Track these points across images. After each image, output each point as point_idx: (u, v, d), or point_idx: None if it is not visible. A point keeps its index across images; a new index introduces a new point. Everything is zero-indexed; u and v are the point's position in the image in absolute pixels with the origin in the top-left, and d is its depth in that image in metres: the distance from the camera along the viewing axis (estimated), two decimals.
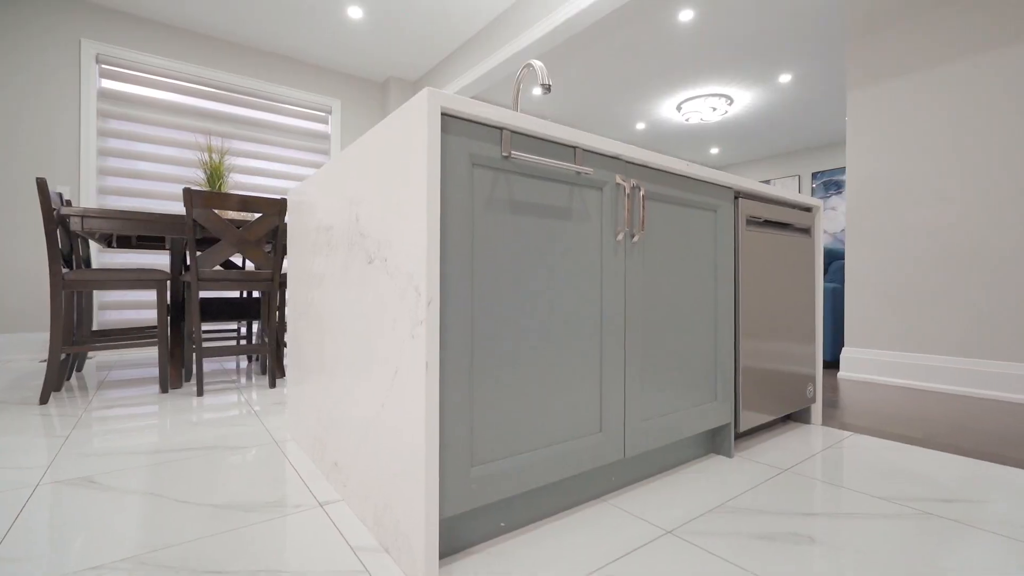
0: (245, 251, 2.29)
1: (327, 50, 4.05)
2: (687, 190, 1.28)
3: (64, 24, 3.30)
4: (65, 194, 3.30)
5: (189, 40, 3.73)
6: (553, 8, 3.00)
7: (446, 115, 0.83)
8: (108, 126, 3.47)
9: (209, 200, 2.18)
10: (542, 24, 3.08)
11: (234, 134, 3.92)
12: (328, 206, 1.24)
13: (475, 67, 3.77)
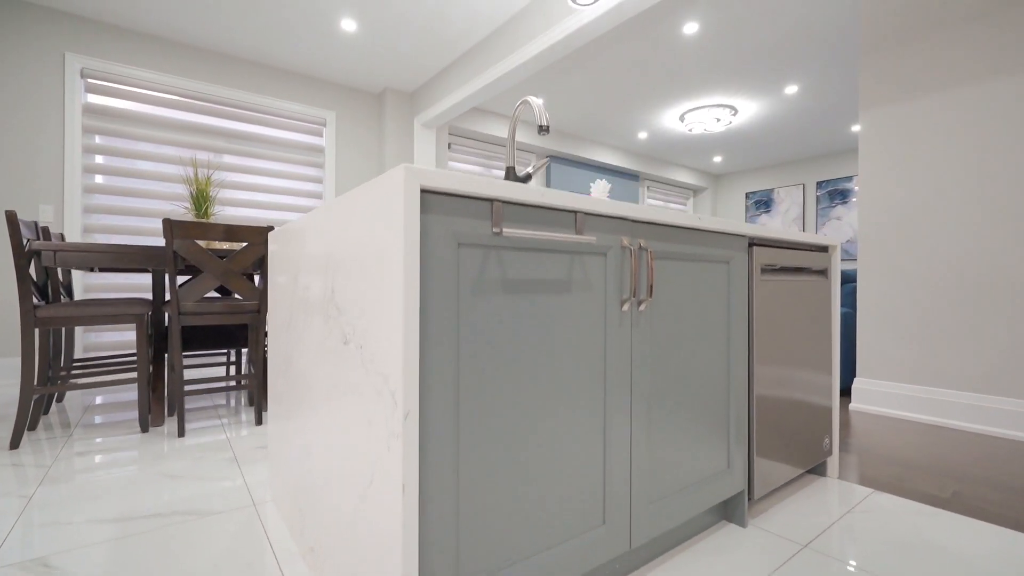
0: (229, 282, 2.19)
1: (321, 61, 3.94)
2: (699, 244, 1.17)
3: (47, 38, 3.19)
4: (48, 214, 3.19)
5: (178, 52, 3.62)
6: (553, 23, 2.89)
7: (427, 192, 0.72)
8: (93, 142, 3.36)
9: (191, 230, 2.07)
10: (541, 39, 2.96)
11: (225, 148, 3.82)
12: (308, 262, 1.13)
13: (472, 80, 3.66)
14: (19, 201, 3.11)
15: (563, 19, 2.81)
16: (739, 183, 7.65)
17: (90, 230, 3.35)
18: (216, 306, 2.19)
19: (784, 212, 7.06)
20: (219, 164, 3.79)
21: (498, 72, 3.39)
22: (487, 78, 3.51)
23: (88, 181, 3.35)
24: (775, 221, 7.15)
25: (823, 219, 6.63)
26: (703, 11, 3.24)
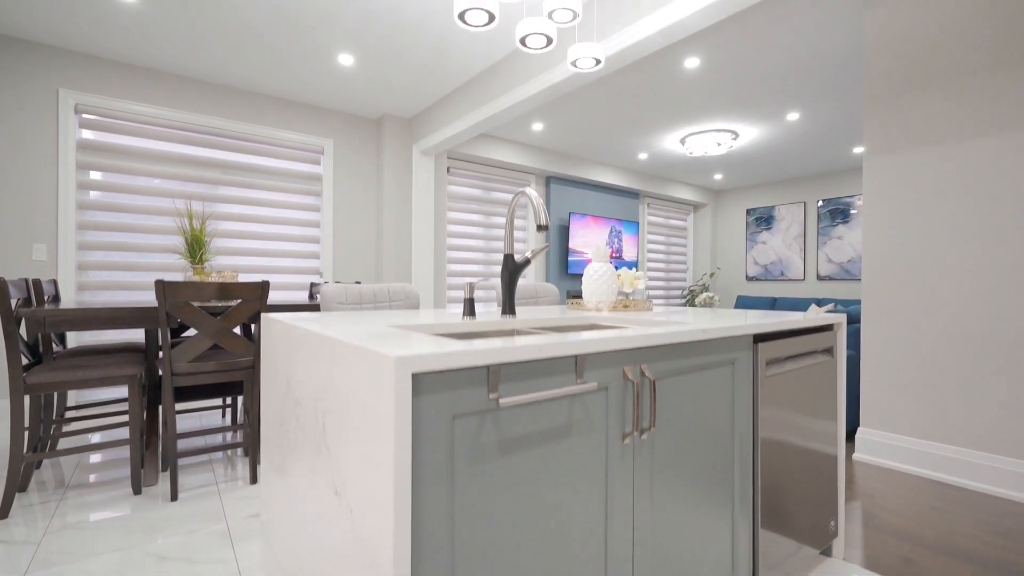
0: (223, 340, 2.15)
1: (319, 90, 3.91)
2: (703, 353, 1.14)
3: (41, 74, 3.15)
4: (42, 253, 3.15)
5: (173, 85, 3.58)
6: (552, 65, 2.85)
7: (420, 375, 0.69)
8: (88, 178, 3.33)
9: (183, 291, 2.04)
10: (541, 79, 2.93)
11: (222, 180, 3.78)
12: (300, 372, 1.09)
13: (470, 113, 3.63)
14: (13, 241, 3.07)
15: (562, 62, 2.78)
16: (740, 199, 7.62)
17: (84, 267, 3.32)
18: (210, 365, 2.15)
19: (785, 230, 7.02)
20: (214, 210, 3.75)
21: (497, 107, 3.36)
22: (485, 112, 3.48)
23: (82, 218, 3.31)
24: (776, 239, 7.12)
25: (824, 238, 6.59)
26: (703, 47, 3.20)
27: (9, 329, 1.86)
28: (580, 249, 6.03)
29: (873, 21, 2.54)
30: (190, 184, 3.66)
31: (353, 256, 4.41)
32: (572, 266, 5.93)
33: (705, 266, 7.91)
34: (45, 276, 3.16)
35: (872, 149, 2.56)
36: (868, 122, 2.56)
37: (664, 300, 7.56)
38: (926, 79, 2.36)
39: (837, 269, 6.47)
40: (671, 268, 7.67)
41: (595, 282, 1.87)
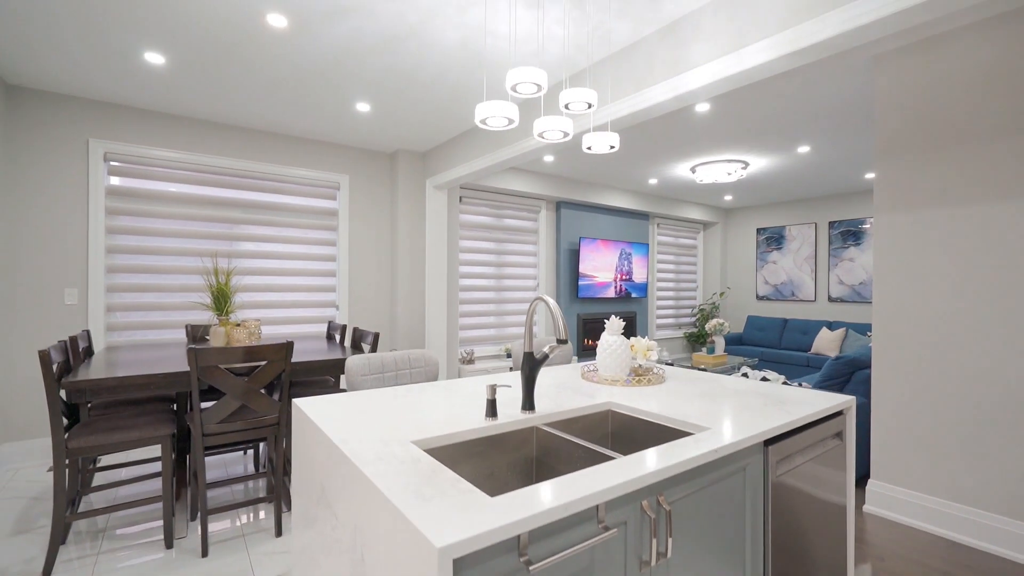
0: (250, 401, 2.24)
1: (336, 130, 4.01)
2: (715, 467, 1.20)
3: (72, 125, 3.28)
4: (74, 297, 3.28)
5: (196, 130, 3.70)
6: None
7: (459, 558, 0.75)
8: (116, 223, 3.45)
9: (212, 357, 2.13)
10: None
11: (243, 219, 3.89)
12: (335, 488, 1.16)
13: (482, 157, 3.70)
14: (47, 286, 3.20)
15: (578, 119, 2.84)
16: (750, 219, 7.62)
17: (113, 308, 3.44)
18: (238, 424, 2.25)
19: (795, 251, 7.02)
20: (235, 248, 3.86)
21: (510, 153, 3.43)
22: (497, 157, 3.55)
23: (111, 261, 3.43)
24: (786, 259, 7.11)
25: (835, 259, 6.59)
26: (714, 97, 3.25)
27: (52, 399, 1.96)
28: (590, 273, 6.08)
29: (882, 81, 2.58)
30: (212, 224, 3.77)
31: (368, 288, 4.50)
32: (582, 290, 5.99)
33: (715, 284, 7.92)
34: (76, 319, 3.29)
35: (883, 206, 2.59)
36: (879, 180, 2.60)
37: (674, 319, 7.59)
38: (935, 140, 2.40)
39: (848, 291, 6.46)
40: (681, 287, 7.69)
41: (609, 356, 1.93)
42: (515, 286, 5.64)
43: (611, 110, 2.60)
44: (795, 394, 1.70)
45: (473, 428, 1.29)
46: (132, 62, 2.78)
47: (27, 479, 2.96)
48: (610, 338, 1.96)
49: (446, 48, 2.62)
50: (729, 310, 7.87)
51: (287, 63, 2.79)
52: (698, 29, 2.22)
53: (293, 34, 2.46)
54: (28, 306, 3.15)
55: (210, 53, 2.66)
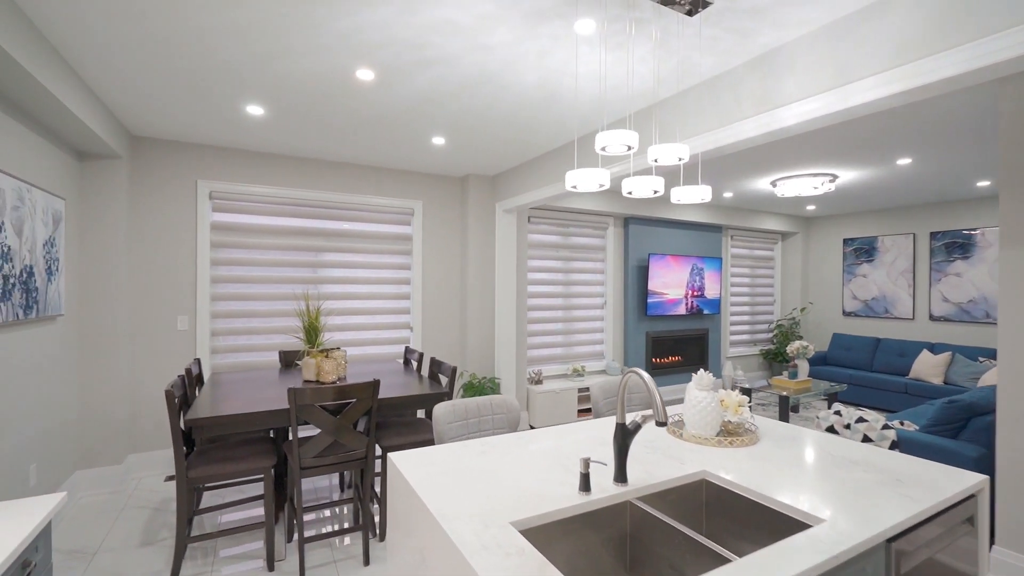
0: (342, 437, 2.38)
1: (411, 159, 4.16)
2: (835, 573, 1.12)
3: (184, 168, 3.64)
4: (185, 323, 3.63)
5: (286, 166, 3.98)
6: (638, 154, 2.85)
7: None
8: (218, 255, 3.78)
9: (309, 397, 2.28)
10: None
11: (326, 247, 4.14)
12: (438, 561, 1.21)
13: (553, 184, 3.70)
14: (163, 315, 3.57)
15: None
16: (836, 228, 7.08)
17: (216, 333, 3.78)
18: (330, 458, 2.39)
19: (890, 263, 6.43)
20: (319, 275, 4.11)
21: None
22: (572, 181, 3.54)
23: (215, 290, 3.77)
24: (879, 272, 6.54)
25: (938, 274, 5.97)
26: None
27: (176, 433, 2.18)
28: (660, 290, 5.90)
29: (1007, 98, 2.30)
30: (299, 253, 4.04)
31: (440, 309, 4.64)
32: (651, 308, 5.83)
33: (794, 298, 7.43)
34: (187, 343, 3.64)
35: (1008, 239, 2.31)
36: (1005, 213, 2.32)
37: (749, 334, 7.20)
38: None
39: (955, 310, 5.83)
40: (756, 301, 7.28)
41: (699, 413, 1.86)
42: (582, 304, 5.59)
43: (697, 143, 2.51)
44: (912, 468, 1.55)
45: (569, 506, 1.29)
46: (236, 113, 3.03)
47: (149, 488, 3.32)
48: (699, 393, 1.89)
49: (522, 89, 2.65)
50: (810, 327, 7.35)
51: (372, 110, 2.93)
52: (793, 63, 2.09)
53: (378, 85, 2.58)
54: (149, 332, 3.53)
55: (303, 104, 2.86)
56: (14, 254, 2.26)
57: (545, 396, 4.78)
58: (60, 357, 2.88)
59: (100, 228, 3.21)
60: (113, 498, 3.16)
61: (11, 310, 2.22)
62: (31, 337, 2.52)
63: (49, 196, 2.62)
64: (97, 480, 3.20)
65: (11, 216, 2.22)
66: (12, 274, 2.24)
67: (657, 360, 6.06)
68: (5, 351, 2.26)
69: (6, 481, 2.30)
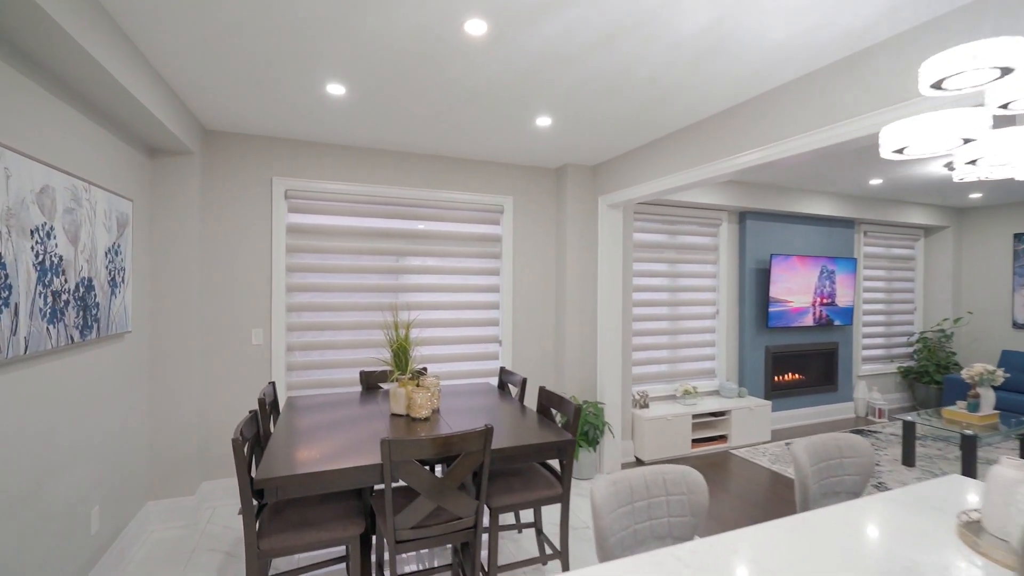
0: (446, 501, 1.82)
1: (502, 148, 3.59)
2: None
3: (258, 164, 3.27)
4: (260, 336, 3.27)
5: (364, 159, 3.53)
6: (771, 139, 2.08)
7: None
8: (294, 260, 3.40)
9: (407, 450, 1.74)
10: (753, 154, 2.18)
11: (407, 250, 3.66)
12: None
13: (669, 176, 2.98)
14: (237, 328, 3.22)
15: (824, 127, 1.98)
16: (1001, 221, 5.76)
17: (292, 347, 3.39)
18: (433, 530, 1.84)
19: None
20: (401, 282, 3.64)
21: (705, 174, 2.68)
22: (689, 177, 2.83)
23: (290, 300, 3.39)
24: None
25: None
26: None
27: (245, 492, 1.71)
28: (783, 297, 4.98)
29: None
30: (379, 257, 3.59)
31: (532, 320, 4.04)
32: (773, 318, 4.92)
33: (941, 307, 6.16)
34: (262, 359, 3.28)
35: None
36: None
37: (884, 350, 6.05)
38: None
39: None
40: (893, 310, 6.11)
41: (1018, 508, 1.12)
42: (691, 314, 4.79)
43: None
44: None
45: None
46: (314, 95, 2.59)
47: (222, 522, 2.97)
48: (1013, 472, 1.15)
49: (677, 40, 1.97)
50: (963, 340, 6.06)
51: (473, 79, 2.37)
52: None
53: (490, 42, 2.00)
54: (222, 347, 3.19)
55: (391, 78, 2.34)
56: (67, 265, 1.89)
57: (654, 423, 4.06)
58: (127, 380, 2.56)
59: (172, 232, 2.88)
60: (185, 534, 2.82)
61: (63, 333, 1.85)
62: (91, 361, 2.17)
63: (113, 196, 2.27)
64: (169, 512, 2.89)
65: (63, 220, 1.85)
66: (65, 289, 1.87)
67: (778, 379, 5.14)
68: (55, 382, 1.90)
69: (62, 528, 1.95)
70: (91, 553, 2.17)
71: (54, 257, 1.79)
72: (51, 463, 1.86)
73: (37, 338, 1.68)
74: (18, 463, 1.67)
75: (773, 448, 4.45)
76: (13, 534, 1.64)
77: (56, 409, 1.88)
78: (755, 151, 2.49)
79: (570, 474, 2.21)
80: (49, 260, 1.76)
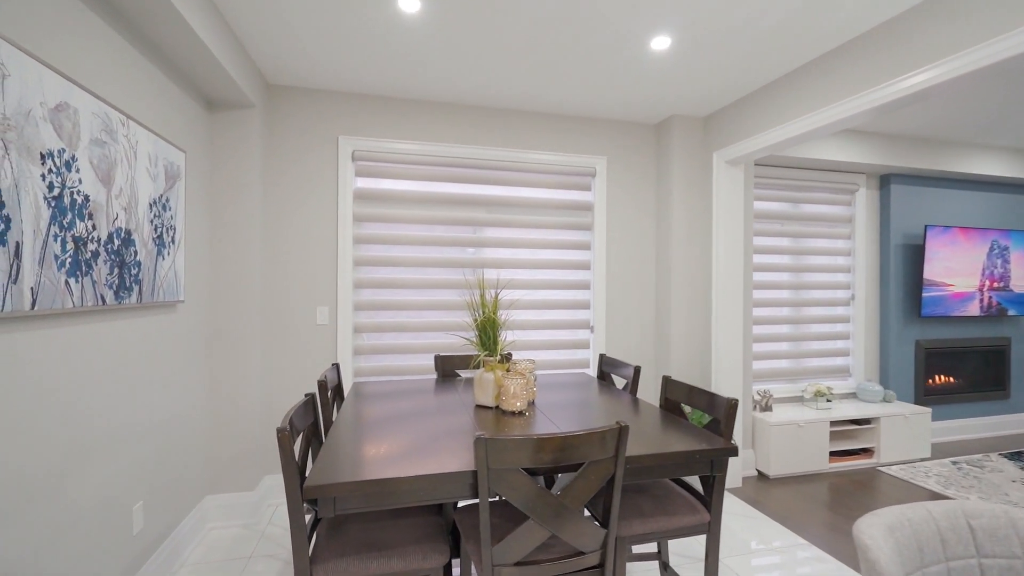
0: (562, 529, 1.28)
1: (597, 96, 3.01)
2: None
3: (323, 121, 2.92)
4: (324, 316, 2.91)
5: (436, 114, 3.09)
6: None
7: None
8: (361, 231, 3.02)
9: (511, 454, 1.21)
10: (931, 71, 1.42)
11: (486, 220, 3.18)
12: None
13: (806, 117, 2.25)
14: (302, 306, 2.89)
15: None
16: None
17: (360, 329, 3.02)
18: (544, 567, 1.30)
19: None
20: (480, 256, 3.16)
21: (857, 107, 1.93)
22: (836, 113, 2.08)
23: (357, 275, 3.01)
24: None
25: None
26: None
27: (294, 498, 1.26)
28: (940, 280, 4.00)
29: None
30: (454, 228, 3.13)
31: (629, 303, 3.43)
32: (928, 305, 3.95)
33: None
34: (327, 340, 2.92)
35: None
36: None
37: None
38: None
39: None
40: None
41: None
42: (819, 299, 3.95)
43: None
44: None
45: None
46: (384, 14, 2.15)
47: (284, 524, 2.63)
48: None
49: None
50: None
51: None
52: None
53: None
54: (285, 326, 2.87)
55: None
56: (96, 209, 1.55)
57: (780, 430, 3.30)
58: (180, 358, 2.25)
59: (230, 194, 2.57)
60: (244, 535, 2.50)
61: (91, 291, 1.51)
62: (132, 331, 1.85)
63: (160, 141, 1.94)
64: (228, 509, 2.58)
65: (90, 153, 1.51)
66: (93, 238, 1.53)
67: (932, 382, 4.15)
68: (81, 352, 1.56)
69: (95, 527, 1.62)
70: (135, 555, 1.85)
71: (76, 195, 1.45)
72: (78, 449, 1.53)
73: (50, 291, 1.33)
74: (29, 446, 1.32)
75: (937, 467, 3.52)
76: (27, 533, 1.30)
77: (81, 385, 1.55)
78: (934, 66, 1.73)
79: (721, 495, 1.60)
80: (69, 197, 1.42)
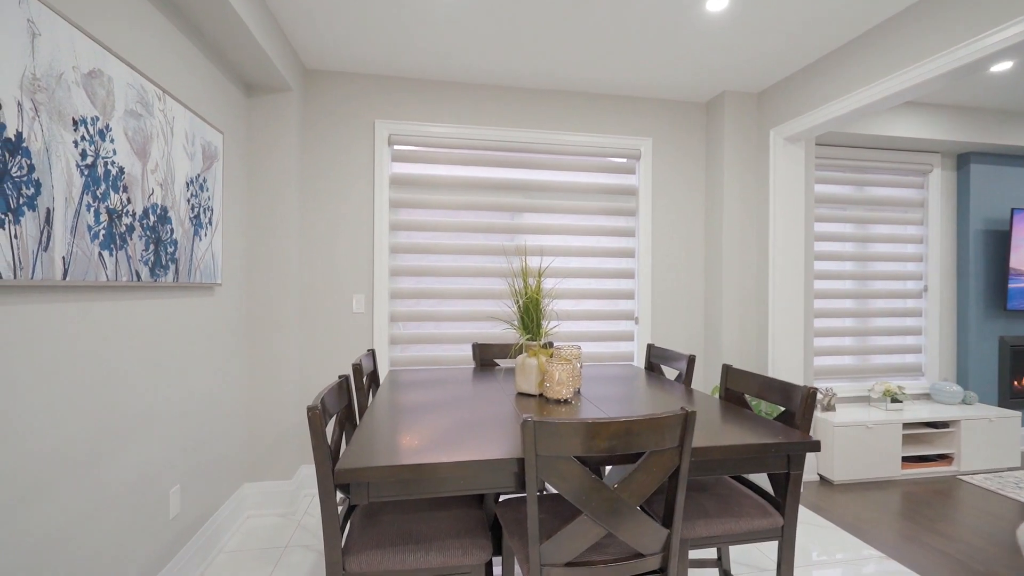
0: (619, 527, 1.13)
1: (644, 71, 2.84)
2: None
3: (359, 105, 2.87)
4: (360, 303, 2.86)
5: (478, 97, 2.98)
6: None
7: None
8: (397, 217, 2.95)
9: (562, 440, 1.08)
10: None
11: (525, 205, 3.05)
12: None
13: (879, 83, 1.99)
14: (338, 294, 2.84)
15: None
16: None
17: (396, 318, 2.94)
18: (598, 571, 1.16)
19: None
20: (519, 243, 3.03)
21: (935, 69, 1.66)
22: (912, 78, 1.81)
23: (394, 263, 2.94)
24: None
25: None
26: None
27: (326, 486, 1.17)
28: None
29: None
30: (492, 213, 3.02)
31: (677, 293, 3.22)
32: (1014, 296, 3.56)
33: None
34: (363, 328, 2.86)
35: None
36: None
37: None
38: None
39: None
40: None
41: None
42: (887, 291, 3.62)
43: None
44: None
45: None
46: None
47: (319, 514, 2.57)
48: None
49: None
50: None
51: None
52: None
53: None
54: (321, 313, 2.83)
55: None
56: (131, 182, 1.51)
57: (846, 432, 3.02)
58: (219, 341, 2.23)
59: (268, 178, 2.55)
60: (281, 523, 2.46)
61: (126, 265, 1.48)
62: (169, 310, 1.82)
63: (197, 120, 1.91)
64: (265, 497, 2.55)
65: (125, 123, 1.47)
66: (128, 212, 1.49)
67: (1019, 383, 3.74)
68: (116, 328, 1.53)
69: (130, 509, 1.59)
70: (172, 538, 1.82)
71: (111, 166, 1.41)
72: (115, 427, 1.49)
73: (83, 262, 1.29)
74: (64, 421, 1.29)
75: None
76: (60, 510, 1.26)
77: (118, 361, 1.51)
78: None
79: (797, 496, 1.41)
80: (103, 167, 1.38)
